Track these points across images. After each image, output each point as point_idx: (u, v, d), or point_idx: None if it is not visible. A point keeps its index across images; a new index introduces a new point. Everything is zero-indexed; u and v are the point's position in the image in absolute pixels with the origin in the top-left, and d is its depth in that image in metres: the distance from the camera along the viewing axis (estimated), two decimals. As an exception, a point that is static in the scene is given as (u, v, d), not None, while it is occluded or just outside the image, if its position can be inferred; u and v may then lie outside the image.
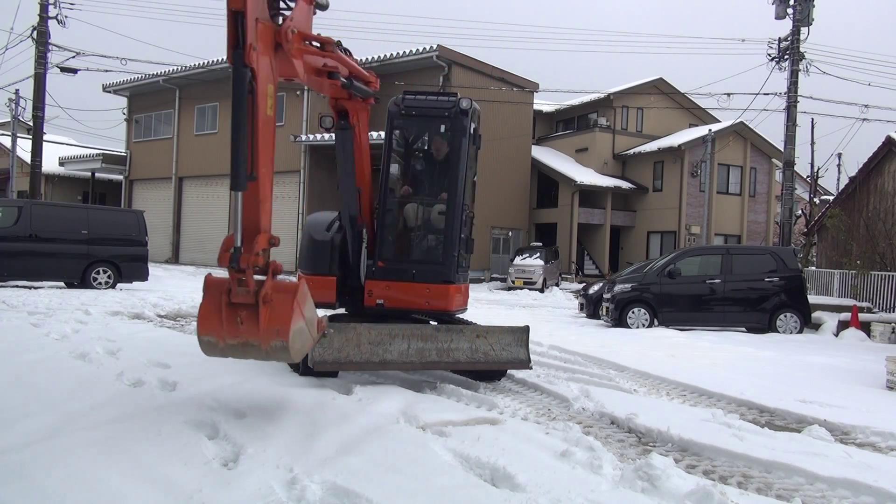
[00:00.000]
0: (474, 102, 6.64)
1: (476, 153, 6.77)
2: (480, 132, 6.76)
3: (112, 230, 14.69)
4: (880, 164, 19.48)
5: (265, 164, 4.32)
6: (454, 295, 6.36)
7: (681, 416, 5.51)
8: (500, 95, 26.22)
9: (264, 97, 4.19)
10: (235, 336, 4.02)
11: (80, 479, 3.33)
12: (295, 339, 4.07)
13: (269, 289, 4.02)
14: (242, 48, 3.88)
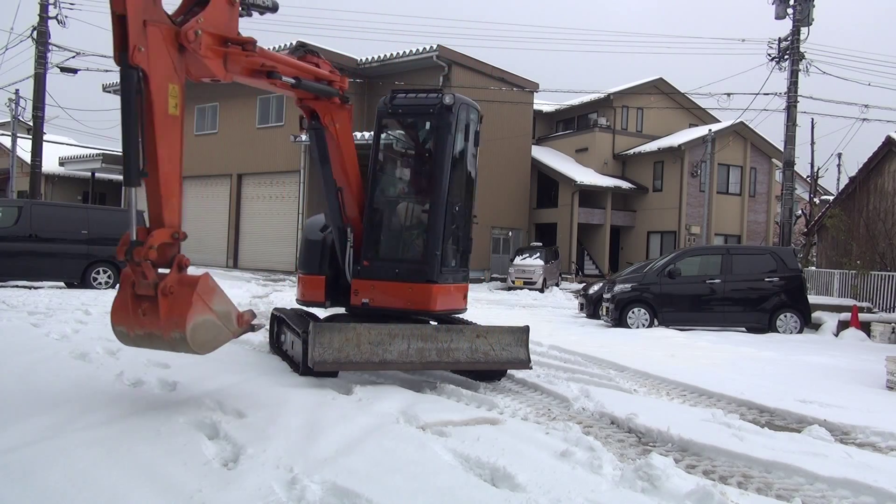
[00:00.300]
0: (469, 101, 6.63)
1: (473, 151, 6.73)
2: (479, 129, 6.72)
3: (112, 230, 14.65)
4: (880, 164, 19.48)
5: (167, 160, 4.36)
6: (437, 295, 6.24)
7: (681, 416, 5.51)
8: (500, 95, 26.22)
9: (161, 96, 4.26)
10: (141, 326, 4.25)
11: (80, 479, 3.33)
12: (197, 331, 4.22)
13: (170, 282, 4.19)
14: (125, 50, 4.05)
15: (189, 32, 4.39)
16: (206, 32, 4.54)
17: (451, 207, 6.41)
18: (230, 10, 4.75)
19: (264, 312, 11.16)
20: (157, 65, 4.23)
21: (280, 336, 7.34)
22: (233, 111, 27.68)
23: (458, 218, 6.54)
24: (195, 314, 4.21)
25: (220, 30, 4.67)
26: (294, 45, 24.09)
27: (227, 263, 27.55)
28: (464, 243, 6.76)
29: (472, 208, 6.87)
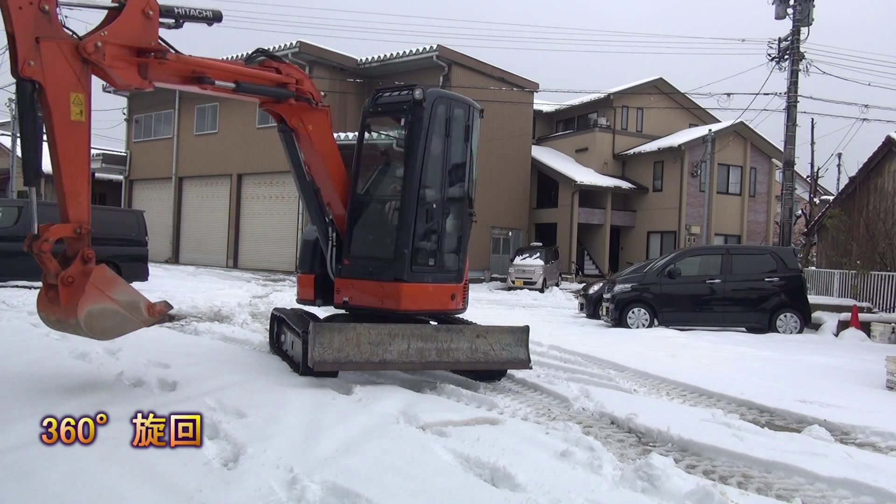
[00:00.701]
0: (456, 96, 6.66)
1: (461, 147, 6.58)
2: (470, 124, 6.61)
3: (112, 230, 14.66)
4: (880, 164, 19.48)
5: (69, 162, 4.71)
6: (405, 294, 6.18)
7: (681, 416, 5.51)
8: (500, 95, 26.23)
9: (61, 104, 4.62)
10: (52, 313, 4.74)
11: (80, 479, 3.33)
12: (93, 318, 4.64)
13: (71, 272, 4.60)
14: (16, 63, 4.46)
15: (88, 45, 4.75)
16: (112, 44, 4.85)
17: (425, 204, 6.30)
18: (145, 22, 4.99)
19: (264, 312, 11.18)
20: (53, 77, 4.59)
21: (280, 336, 7.34)
22: (233, 111, 27.67)
23: (435, 215, 6.37)
24: (89, 303, 4.59)
25: (132, 41, 4.95)
26: (294, 44, 24.11)
27: (227, 263, 27.55)
28: (451, 242, 6.58)
29: (464, 206, 6.65)
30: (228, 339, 8.37)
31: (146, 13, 4.99)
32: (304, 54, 24.33)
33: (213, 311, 11.38)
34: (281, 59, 6.30)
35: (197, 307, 11.67)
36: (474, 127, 6.71)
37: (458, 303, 6.76)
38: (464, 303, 6.90)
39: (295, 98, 6.11)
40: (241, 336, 8.57)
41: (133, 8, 4.92)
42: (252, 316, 11.09)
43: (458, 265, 6.67)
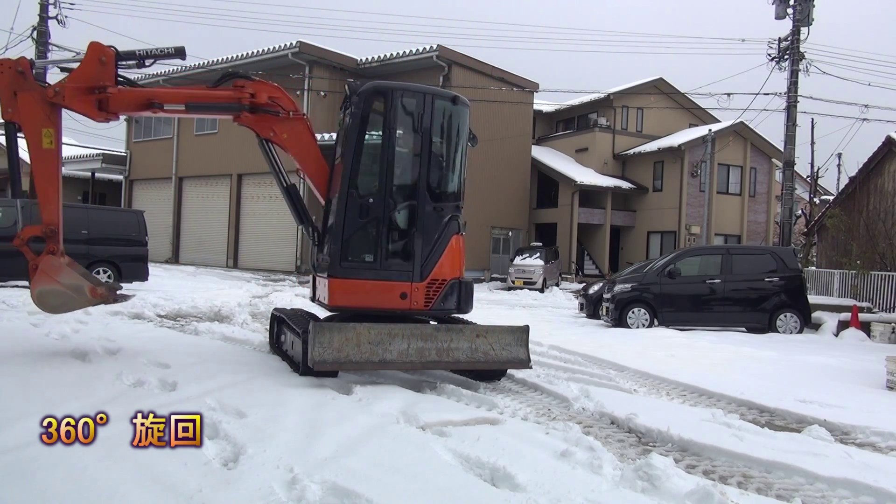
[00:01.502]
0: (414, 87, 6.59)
1: (417, 139, 6.41)
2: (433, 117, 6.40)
3: (112, 230, 14.67)
4: (880, 164, 19.48)
5: (42, 177, 6.88)
6: (333, 289, 6.24)
7: (681, 416, 5.51)
8: (500, 95, 26.23)
9: (34, 137, 6.55)
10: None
11: (80, 479, 3.33)
12: (43, 297, 6.23)
13: (37, 261, 6.31)
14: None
15: (48, 92, 6.28)
16: (69, 87, 6.24)
17: (360, 199, 6.27)
18: (100, 67, 6.29)
19: (264, 312, 11.18)
20: (28, 118, 6.38)
21: (280, 336, 7.34)
22: (233, 111, 27.66)
23: (373, 209, 6.27)
24: (38, 285, 6.18)
25: (89, 83, 6.28)
26: (294, 44, 24.12)
27: (227, 263, 27.55)
28: (399, 237, 6.39)
29: (424, 199, 6.34)
30: (228, 339, 8.37)
31: (101, 60, 6.28)
32: (304, 54, 24.34)
33: (213, 311, 11.38)
34: (247, 77, 6.80)
35: (197, 307, 11.67)
36: (435, 116, 6.43)
37: (413, 302, 6.30)
38: (425, 303, 6.34)
39: (249, 111, 6.51)
40: (241, 336, 8.57)
41: (89, 57, 6.27)
42: (252, 316, 11.09)
43: (414, 262, 6.30)
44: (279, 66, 24.91)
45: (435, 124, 6.48)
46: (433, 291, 6.37)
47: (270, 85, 6.73)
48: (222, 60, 26.26)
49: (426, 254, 6.34)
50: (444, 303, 6.43)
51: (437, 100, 6.51)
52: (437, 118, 6.49)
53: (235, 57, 25.82)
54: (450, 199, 6.57)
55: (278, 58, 24.70)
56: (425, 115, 6.38)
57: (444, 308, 6.46)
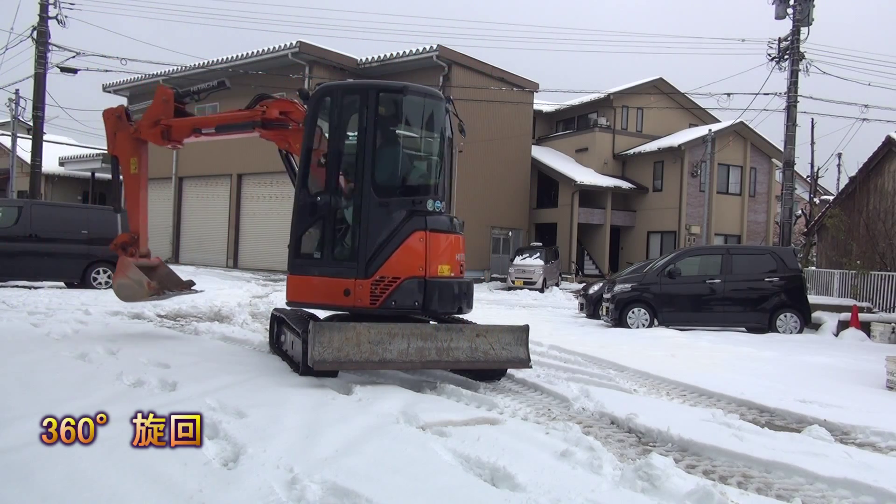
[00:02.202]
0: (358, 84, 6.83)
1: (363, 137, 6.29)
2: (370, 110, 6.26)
3: (112, 230, 14.66)
4: (880, 164, 19.47)
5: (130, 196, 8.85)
6: (288, 285, 6.64)
7: (681, 416, 5.51)
8: (500, 95, 26.23)
9: (125, 165, 8.68)
10: None
11: (80, 479, 3.33)
12: (119, 288, 8.16)
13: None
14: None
15: (131, 129, 8.46)
16: (143, 124, 8.29)
17: (309, 196, 6.49)
18: (164, 105, 8.24)
19: (264, 312, 11.18)
20: (121, 151, 8.61)
21: (280, 336, 7.34)
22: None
23: (320, 207, 6.37)
24: (115, 279, 8.32)
25: (155, 118, 8.24)
26: (294, 44, 24.11)
27: (227, 263, 27.55)
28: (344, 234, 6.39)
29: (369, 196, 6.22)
30: (228, 339, 8.37)
31: (163, 100, 8.25)
32: (304, 54, 24.34)
33: (213, 311, 11.38)
34: (270, 97, 7.73)
35: (197, 307, 11.67)
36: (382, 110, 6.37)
37: (357, 299, 6.14)
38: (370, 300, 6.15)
39: (262, 126, 7.41)
40: (241, 336, 8.57)
41: (156, 98, 8.31)
42: (252, 316, 11.09)
43: (359, 259, 6.17)
44: (279, 66, 24.91)
45: (383, 118, 6.37)
46: (380, 289, 6.13)
47: (285, 101, 7.51)
48: (222, 60, 26.26)
49: (371, 251, 6.16)
50: (396, 301, 6.15)
51: (382, 93, 6.39)
52: (384, 111, 6.41)
53: (235, 57, 25.81)
54: (404, 194, 6.41)
55: (278, 58, 24.70)
56: (369, 110, 6.29)
57: (400, 307, 6.19)
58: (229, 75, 26.04)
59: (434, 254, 6.26)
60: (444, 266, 6.32)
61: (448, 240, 6.44)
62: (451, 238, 6.47)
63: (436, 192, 6.57)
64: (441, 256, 6.33)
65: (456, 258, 6.54)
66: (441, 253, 6.34)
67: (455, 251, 6.54)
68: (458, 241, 6.61)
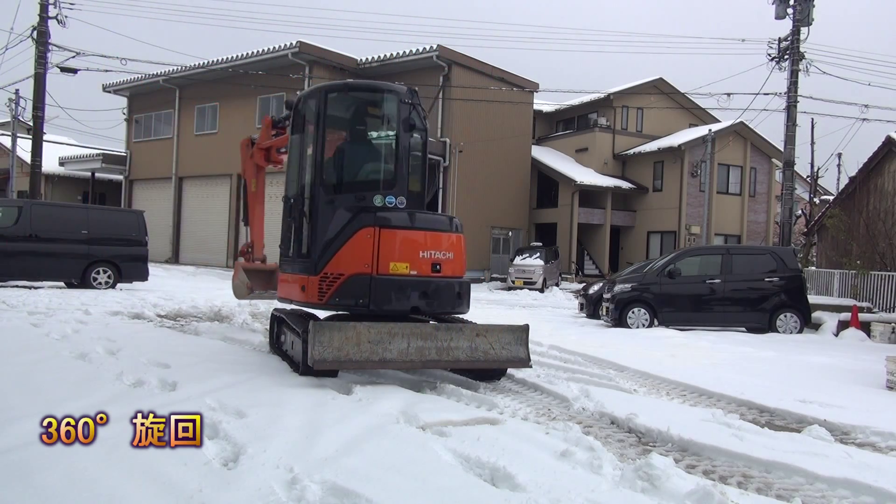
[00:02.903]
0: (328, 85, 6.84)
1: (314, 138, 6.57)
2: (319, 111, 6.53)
3: (112, 230, 14.68)
4: (880, 164, 19.47)
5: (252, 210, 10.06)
6: (278, 283, 7.40)
7: (681, 416, 5.50)
8: (500, 95, 26.23)
9: (248, 185, 10.12)
10: None
11: (80, 479, 3.33)
12: (233, 287, 9.57)
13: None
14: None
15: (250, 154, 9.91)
16: (255, 149, 9.69)
17: (286, 201, 7.10)
18: (265, 131, 9.48)
19: (264, 312, 11.18)
20: (246, 174, 10.15)
21: (280, 336, 7.34)
22: (233, 111, 27.68)
23: (291, 209, 6.90)
24: (233, 279, 9.63)
25: (262, 143, 9.60)
26: (294, 44, 24.11)
27: (228, 263, 27.54)
28: (300, 233, 6.65)
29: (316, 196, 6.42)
30: (228, 339, 8.37)
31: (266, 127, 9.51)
32: (304, 54, 24.34)
33: (213, 311, 11.37)
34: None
35: (197, 307, 11.67)
36: (330, 110, 6.52)
37: (309, 295, 6.30)
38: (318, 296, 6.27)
39: None
40: (241, 336, 8.57)
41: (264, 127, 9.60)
42: (252, 316, 11.08)
43: (311, 257, 6.33)
44: (279, 66, 24.92)
45: (331, 118, 6.58)
46: (326, 285, 6.21)
47: None
48: (222, 60, 26.27)
49: (320, 248, 6.26)
50: (339, 297, 6.16)
51: (329, 94, 6.57)
52: (331, 111, 6.60)
53: (235, 57, 25.82)
54: (352, 191, 6.44)
55: (278, 58, 24.70)
56: (320, 112, 6.51)
57: (342, 303, 6.21)
58: (229, 75, 26.09)
59: (386, 250, 6.13)
60: (399, 264, 6.16)
61: (409, 236, 6.24)
62: (415, 235, 6.26)
63: (389, 187, 6.44)
64: (396, 253, 6.17)
65: (420, 256, 6.24)
66: (395, 250, 6.18)
67: (424, 248, 6.25)
68: (431, 237, 6.32)
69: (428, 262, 6.26)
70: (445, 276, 6.38)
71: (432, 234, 6.33)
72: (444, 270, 6.35)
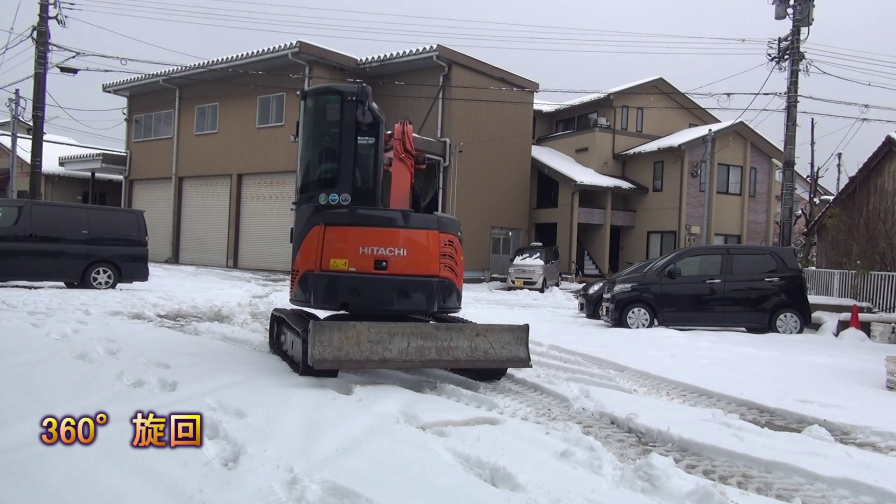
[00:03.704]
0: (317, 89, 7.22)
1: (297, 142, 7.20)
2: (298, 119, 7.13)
3: (112, 230, 14.68)
4: (880, 164, 19.47)
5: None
6: None
7: (681, 416, 5.50)
8: (500, 95, 26.23)
9: None
10: None
11: (80, 479, 3.33)
12: None
13: None
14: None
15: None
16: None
17: None
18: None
19: (264, 312, 11.18)
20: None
21: (280, 336, 7.34)
22: (233, 111, 27.68)
23: None
24: None
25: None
26: (294, 44, 24.11)
27: (227, 263, 27.56)
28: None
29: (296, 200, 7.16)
30: (228, 339, 8.37)
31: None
32: (304, 54, 24.34)
33: (213, 311, 11.38)
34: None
35: (197, 307, 11.67)
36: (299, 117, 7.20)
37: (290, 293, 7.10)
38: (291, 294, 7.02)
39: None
40: (241, 336, 8.57)
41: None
42: (252, 316, 11.09)
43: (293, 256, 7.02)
44: (279, 66, 24.92)
45: (299, 125, 7.14)
46: (291, 282, 6.88)
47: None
48: (222, 60, 26.27)
49: (294, 247, 6.88)
50: (296, 294, 6.74)
51: (301, 102, 7.11)
52: (300, 119, 7.13)
53: (235, 57, 25.82)
54: (307, 191, 6.86)
55: (278, 58, 24.70)
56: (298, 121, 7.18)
57: (297, 299, 6.75)
58: (229, 75, 26.10)
59: (327, 248, 6.27)
60: (338, 260, 6.24)
61: (348, 233, 6.33)
62: (353, 231, 6.34)
63: (332, 185, 6.53)
64: (334, 250, 6.27)
65: (360, 252, 6.27)
66: (334, 247, 6.28)
67: (364, 244, 6.28)
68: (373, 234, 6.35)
69: (370, 258, 6.26)
70: (392, 274, 6.30)
71: (374, 230, 6.37)
72: (391, 267, 6.30)
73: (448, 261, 6.61)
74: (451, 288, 6.65)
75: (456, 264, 6.73)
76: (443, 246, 6.55)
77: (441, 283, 6.51)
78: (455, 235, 6.76)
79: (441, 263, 6.52)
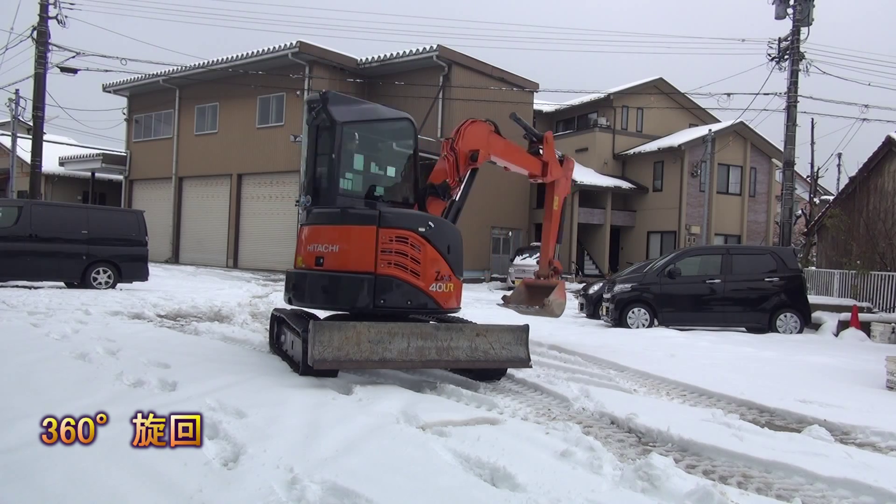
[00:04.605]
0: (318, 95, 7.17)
1: None
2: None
3: (112, 230, 14.67)
4: (880, 164, 19.47)
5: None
6: None
7: (681, 416, 5.51)
8: (500, 95, 26.21)
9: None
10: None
11: (80, 479, 3.33)
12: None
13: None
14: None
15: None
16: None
17: None
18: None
19: (264, 312, 11.18)
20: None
21: (280, 336, 7.34)
22: (233, 111, 27.67)
23: None
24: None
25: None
26: (294, 44, 24.10)
27: (227, 263, 27.55)
28: None
29: None
30: (228, 339, 8.37)
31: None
32: (304, 54, 24.34)
33: (213, 311, 11.37)
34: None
35: (197, 307, 11.67)
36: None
37: None
38: None
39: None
40: (241, 336, 8.56)
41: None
42: (252, 316, 11.08)
43: None
44: (279, 66, 24.91)
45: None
46: None
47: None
48: (222, 60, 26.26)
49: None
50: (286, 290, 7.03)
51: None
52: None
53: (235, 57, 25.81)
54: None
55: (278, 58, 24.70)
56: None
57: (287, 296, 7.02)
58: (229, 75, 26.10)
59: (298, 247, 6.90)
60: (298, 258, 6.82)
61: (301, 232, 6.86)
62: (303, 231, 6.78)
63: (303, 189, 6.90)
64: (299, 249, 6.84)
65: (307, 249, 6.55)
66: (300, 245, 6.83)
67: (309, 242, 6.57)
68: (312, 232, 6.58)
69: (312, 255, 6.53)
70: (325, 270, 6.34)
71: (314, 228, 6.62)
72: (326, 263, 6.36)
73: (395, 257, 6.24)
74: (399, 286, 6.26)
75: (413, 261, 6.32)
76: (388, 242, 6.22)
77: (383, 280, 6.20)
78: (413, 231, 6.34)
79: (382, 260, 6.21)
